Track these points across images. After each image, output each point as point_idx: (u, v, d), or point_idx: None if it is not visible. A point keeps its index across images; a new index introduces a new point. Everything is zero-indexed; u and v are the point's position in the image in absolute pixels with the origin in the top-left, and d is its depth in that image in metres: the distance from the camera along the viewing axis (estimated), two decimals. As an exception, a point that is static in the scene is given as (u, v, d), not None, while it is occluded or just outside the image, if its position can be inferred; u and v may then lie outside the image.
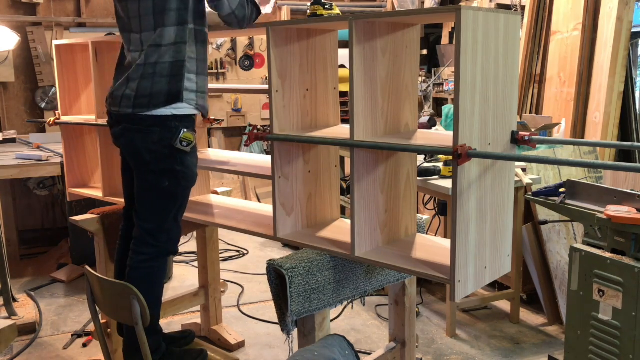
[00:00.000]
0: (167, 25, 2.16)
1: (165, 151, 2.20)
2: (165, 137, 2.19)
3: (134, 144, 2.23)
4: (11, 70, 5.66)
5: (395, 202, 2.20)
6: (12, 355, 3.28)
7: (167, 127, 2.19)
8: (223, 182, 6.31)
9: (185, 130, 2.20)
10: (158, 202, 2.27)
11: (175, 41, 2.17)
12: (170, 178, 2.24)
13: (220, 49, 6.73)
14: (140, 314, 1.97)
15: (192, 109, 2.23)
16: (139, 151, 2.22)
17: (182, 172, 2.25)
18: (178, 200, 2.31)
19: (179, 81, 2.17)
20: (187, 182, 2.29)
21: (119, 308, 2.06)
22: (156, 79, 2.17)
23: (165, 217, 2.29)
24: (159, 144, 2.19)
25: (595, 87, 4.26)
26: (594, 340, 2.33)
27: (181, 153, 2.22)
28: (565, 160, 1.82)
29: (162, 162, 2.22)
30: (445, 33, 6.41)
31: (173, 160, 2.22)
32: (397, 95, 2.14)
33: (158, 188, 2.24)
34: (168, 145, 2.19)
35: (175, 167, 2.23)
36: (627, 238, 2.22)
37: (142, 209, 2.30)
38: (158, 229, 2.29)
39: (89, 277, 2.14)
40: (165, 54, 2.17)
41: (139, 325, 1.98)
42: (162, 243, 2.30)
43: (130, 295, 1.96)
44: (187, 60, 2.19)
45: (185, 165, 2.25)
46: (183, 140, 2.19)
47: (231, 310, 3.90)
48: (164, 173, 2.23)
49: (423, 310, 3.79)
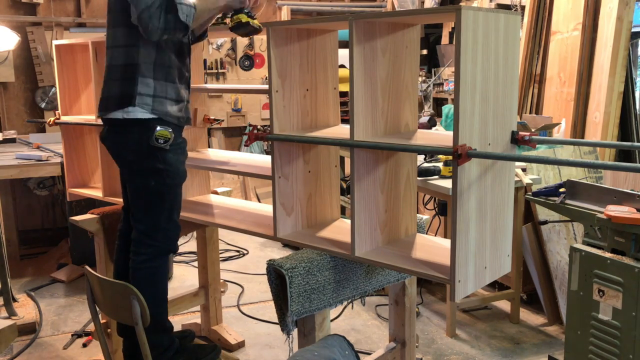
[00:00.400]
0: (117, 26, 2.20)
1: (144, 150, 2.22)
2: (143, 136, 2.20)
3: (116, 146, 2.29)
4: (11, 70, 5.66)
5: (395, 202, 2.20)
6: (12, 355, 3.28)
7: (144, 126, 2.20)
8: (223, 182, 6.31)
9: (160, 127, 2.20)
10: (148, 202, 2.29)
11: (126, 43, 2.19)
12: (155, 177, 2.25)
13: (220, 49, 6.73)
14: (140, 313, 1.97)
15: (146, 113, 2.20)
16: (121, 152, 2.28)
17: (166, 170, 2.26)
18: (167, 199, 2.31)
19: (131, 85, 2.18)
20: (172, 179, 2.29)
21: (119, 308, 2.06)
22: (110, 82, 2.24)
23: (157, 217, 2.30)
24: (138, 144, 2.21)
25: (595, 87, 4.26)
26: (594, 340, 2.33)
27: (161, 151, 2.23)
28: (565, 160, 1.82)
29: (143, 161, 2.23)
30: (445, 33, 6.41)
31: (154, 159, 2.23)
32: (397, 95, 2.14)
33: (145, 188, 2.26)
34: (146, 144, 2.20)
35: (157, 165, 2.24)
36: (627, 238, 2.22)
37: (135, 210, 2.33)
38: (153, 228, 2.30)
39: (89, 277, 2.14)
40: (118, 56, 2.21)
41: (139, 325, 1.99)
42: (159, 242, 2.32)
43: (130, 295, 1.96)
44: (141, 64, 2.18)
45: (167, 162, 2.25)
46: (159, 138, 2.20)
47: (231, 310, 3.90)
48: (148, 172, 2.25)
49: (423, 310, 3.79)
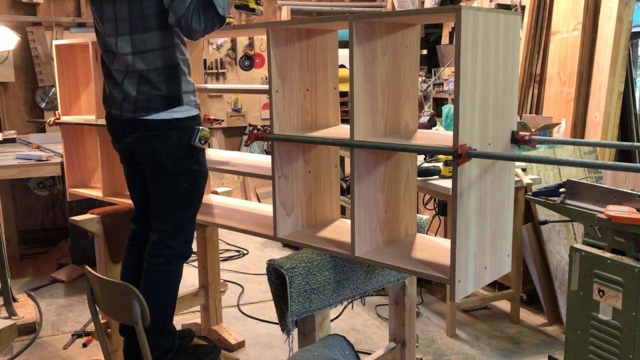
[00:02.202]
0: (149, 30, 2.17)
1: (183, 152, 2.24)
2: (183, 138, 2.22)
3: (153, 150, 2.25)
4: (11, 70, 5.66)
5: (395, 202, 2.20)
6: (12, 355, 3.28)
7: (184, 128, 2.22)
8: (223, 182, 6.31)
9: (201, 128, 2.25)
10: (177, 203, 2.31)
11: (163, 45, 2.18)
12: (188, 178, 2.28)
13: (220, 49, 6.73)
14: (141, 313, 1.98)
15: (193, 109, 2.27)
16: (158, 156, 2.25)
17: (199, 172, 2.32)
18: (195, 199, 2.35)
19: (176, 85, 2.21)
20: (203, 180, 2.36)
21: (119, 308, 2.06)
22: (148, 85, 2.20)
23: (182, 217, 2.32)
24: (177, 146, 2.23)
25: (595, 87, 4.26)
26: (594, 340, 2.33)
27: (198, 152, 2.28)
28: (565, 160, 1.82)
29: (180, 163, 2.26)
30: (445, 33, 6.41)
31: (190, 161, 2.27)
32: (397, 95, 2.14)
33: (177, 189, 2.28)
34: (187, 145, 2.23)
35: (192, 166, 2.28)
36: (627, 238, 2.22)
37: (161, 211, 2.32)
38: (176, 229, 2.32)
39: (89, 277, 2.14)
40: (156, 60, 2.18)
41: (139, 325, 1.99)
42: (178, 244, 2.33)
43: (131, 295, 1.96)
44: (181, 63, 2.22)
45: (201, 164, 2.32)
46: (202, 138, 2.24)
47: (231, 310, 3.90)
48: (183, 174, 2.27)
49: (423, 310, 3.79)
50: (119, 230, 2.84)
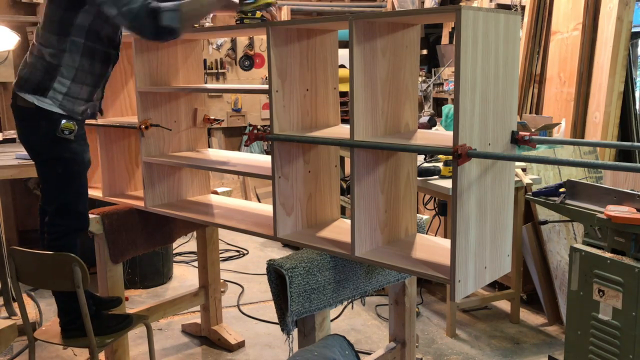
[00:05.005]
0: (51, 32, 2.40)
1: (52, 141, 2.45)
2: (50, 128, 2.43)
3: (26, 131, 2.52)
4: (11, 70, 5.65)
5: (395, 202, 2.20)
6: (12, 355, 3.28)
7: (50, 119, 2.42)
8: (223, 182, 6.31)
9: (65, 120, 2.43)
10: (56, 187, 2.51)
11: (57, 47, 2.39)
12: (62, 165, 2.48)
13: (220, 49, 6.73)
14: (82, 278, 2.23)
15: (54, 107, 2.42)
16: (30, 140, 2.52)
17: (72, 159, 2.49)
18: (74, 184, 2.53)
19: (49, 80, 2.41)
20: (78, 166, 2.53)
21: (57, 277, 2.31)
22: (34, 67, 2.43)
23: (65, 199, 2.51)
24: (46, 135, 2.44)
25: (595, 87, 4.26)
26: (594, 340, 2.33)
27: (67, 141, 2.46)
28: (565, 160, 1.82)
29: (52, 151, 2.47)
30: (445, 33, 6.41)
31: (61, 149, 2.46)
32: (397, 95, 2.14)
33: (53, 174, 2.50)
34: (53, 135, 2.43)
35: (64, 154, 2.46)
36: (627, 238, 2.22)
37: (45, 194, 2.57)
38: (62, 209, 2.51)
39: (15, 255, 2.36)
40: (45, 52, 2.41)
41: (81, 289, 2.24)
42: (69, 221, 2.52)
43: (72, 263, 2.23)
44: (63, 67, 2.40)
45: (72, 152, 2.48)
46: (65, 129, 2.44)
47: (231, 310, 3.90)
48: (55, 161, 2.47)
49: (423, 310, 3.79)
50: (119, 230, 2.85)
